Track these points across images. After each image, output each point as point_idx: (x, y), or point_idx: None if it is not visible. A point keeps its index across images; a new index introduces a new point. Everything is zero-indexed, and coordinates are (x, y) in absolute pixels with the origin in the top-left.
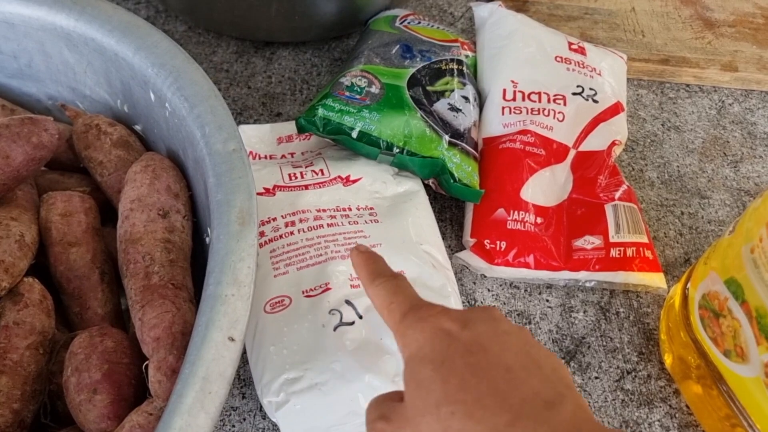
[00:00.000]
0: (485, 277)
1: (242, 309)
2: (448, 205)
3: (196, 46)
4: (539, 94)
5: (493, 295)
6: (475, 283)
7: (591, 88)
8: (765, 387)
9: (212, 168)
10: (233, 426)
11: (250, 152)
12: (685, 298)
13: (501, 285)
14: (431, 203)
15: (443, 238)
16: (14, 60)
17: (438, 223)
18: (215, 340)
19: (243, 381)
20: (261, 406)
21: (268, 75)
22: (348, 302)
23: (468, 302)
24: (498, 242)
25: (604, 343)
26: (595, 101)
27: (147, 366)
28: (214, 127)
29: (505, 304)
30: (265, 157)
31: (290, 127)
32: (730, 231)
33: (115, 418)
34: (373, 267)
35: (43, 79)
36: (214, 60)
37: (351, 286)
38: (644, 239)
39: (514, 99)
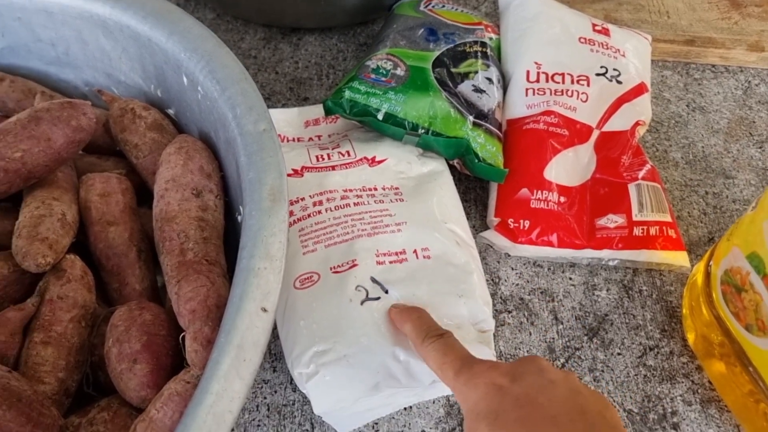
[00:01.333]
0: (509, 255)
1: (274, 281)
2: (472, 186)
3: (225, 33)
4: (563, 75)
5: (516, 273)
6: (499, 262)
7: (615, 69)
8: None
9: (244, 148)
10: (265, 398)
11: (279, 135)
12: (707, 275)
13: (525, 263)
14: (456, 184)
15: (468, 218)
16: (52, 48)
17: (463, 203)
18: (249, 310)
19: (274, 355)
20: (291, 379)
21: (295, 60)
22: (373, 280)
23: (492, 280)
24: (521, 221)
25: (627, 321)
26: (619, 82)
27: (183, 337)
28: (245, 109)
29: (528, 282)
30: (293, 140)
31: (317, 111)
32: (753, 207)
33: (155, 386)
34: (419, 326)
35: (80, 66)
36: (242, 46)
37: (377, 263)
38: (668, 218)
39: (537, 80)
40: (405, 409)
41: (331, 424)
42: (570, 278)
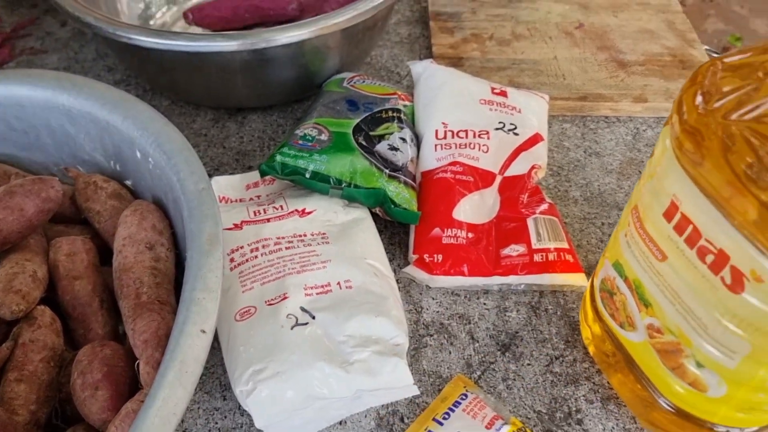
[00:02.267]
0: (429, 287)
1: (212, 309)
2: (396, 231)
3: (179, 117)
4: (466, 131)
5: (437, 302)
6: (421, 294)
7: (512, 123)
8: (651, 347)
9: (186, 204)
10: (216, 423)
11: (223, 197)
12: (592, 288)
13: (444, 294)
14: (383, 230)
15: (393, 258)
16: (25, 135)
17: (388, 246)
18: (190, 332)
19: (224, 386)
20: (239, 406)
21: (241, 136)
22: (302, 309)
23: (415, 310)
24: (435, 255)
25: (535, 336)
26: (516, 134)
27: (138, 364)
28: (188, 173)
29: (447, 309)
30: (236, 201)
31: (257, 175)
32: (617, 228)
33: (114, 409)
34: None
35: (49, 150)
36: (194, 127)
37: (305, 294)
38: (564, 245)
39: (445, 137)
40: (340, 423)
41: None
42: (484, 303)
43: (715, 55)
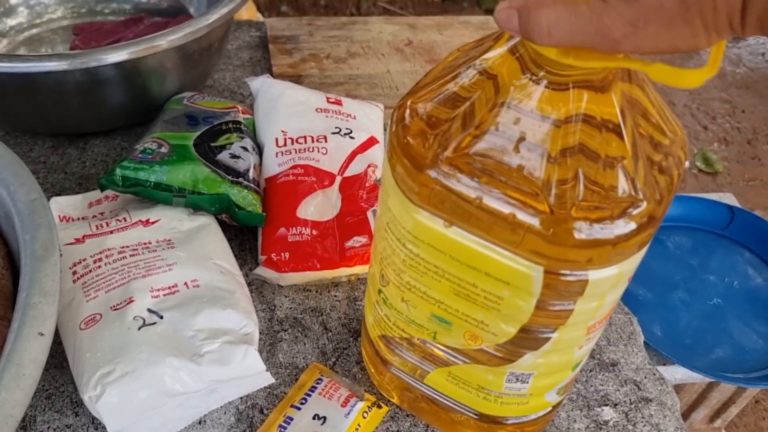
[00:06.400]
0: (281, 286)
1: (49, 311)
2: (247, 238)
3: (14, 147)
4: (305, 137)
5: (289, 299)
6: (274, 293)
7: (347, 128)
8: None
9: (18, 215)
10: None
11: (64, 216)
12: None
13: (296, 291)
14: (233, 239)
15: (245, 264)
16: None
17: (239, 253)
18: (26, 335)
19: (75, 403)
20: (93, 419)
21: (83, 161)
22: (150, 310)
23: (269, 309)
24: (282, 254)
25: None
26: (352, 137)
27: None
28: (18, 185)
29: (300, 304)
30: (78, 219)
31: (99, 193)
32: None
33: None
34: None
35: None
36: (32, 155)
37: (152, 296)
38: None
39: (285, 144)
40: (199, 422)
41: None
42: (335, 295)
43: None
